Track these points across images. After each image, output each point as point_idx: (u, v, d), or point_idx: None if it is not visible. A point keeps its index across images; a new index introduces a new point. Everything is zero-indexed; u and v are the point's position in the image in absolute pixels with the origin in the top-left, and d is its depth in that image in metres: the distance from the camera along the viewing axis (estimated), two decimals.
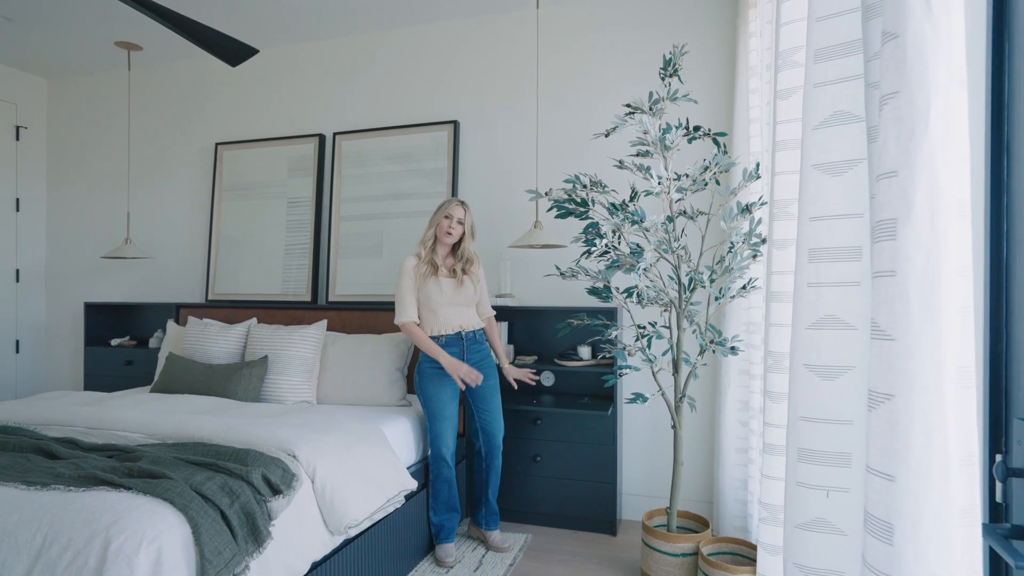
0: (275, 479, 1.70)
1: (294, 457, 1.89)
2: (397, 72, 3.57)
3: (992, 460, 0.92)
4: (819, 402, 1.05)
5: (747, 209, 2.10)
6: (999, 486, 0.87)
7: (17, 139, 4.22)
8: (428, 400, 2.56)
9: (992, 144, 0.88)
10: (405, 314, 2.51)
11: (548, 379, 3.09)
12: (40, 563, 1.35)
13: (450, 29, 3.47)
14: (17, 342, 4.22)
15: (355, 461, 2.06)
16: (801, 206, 1.10)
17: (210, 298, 3.81)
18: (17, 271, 4.23)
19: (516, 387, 2.81)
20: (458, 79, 3.45)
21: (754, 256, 2.27)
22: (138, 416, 2.17)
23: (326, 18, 3.44)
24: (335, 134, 3.63)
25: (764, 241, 2.12)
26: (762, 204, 2.11)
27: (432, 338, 2.53)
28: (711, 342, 2.15)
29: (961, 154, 0.70)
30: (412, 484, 2.30)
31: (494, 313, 2.79)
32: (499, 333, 2.80)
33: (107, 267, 4.23)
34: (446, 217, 2.55)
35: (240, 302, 3.69)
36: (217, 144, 3.89)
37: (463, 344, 2.58)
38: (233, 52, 2.81)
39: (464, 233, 2.58)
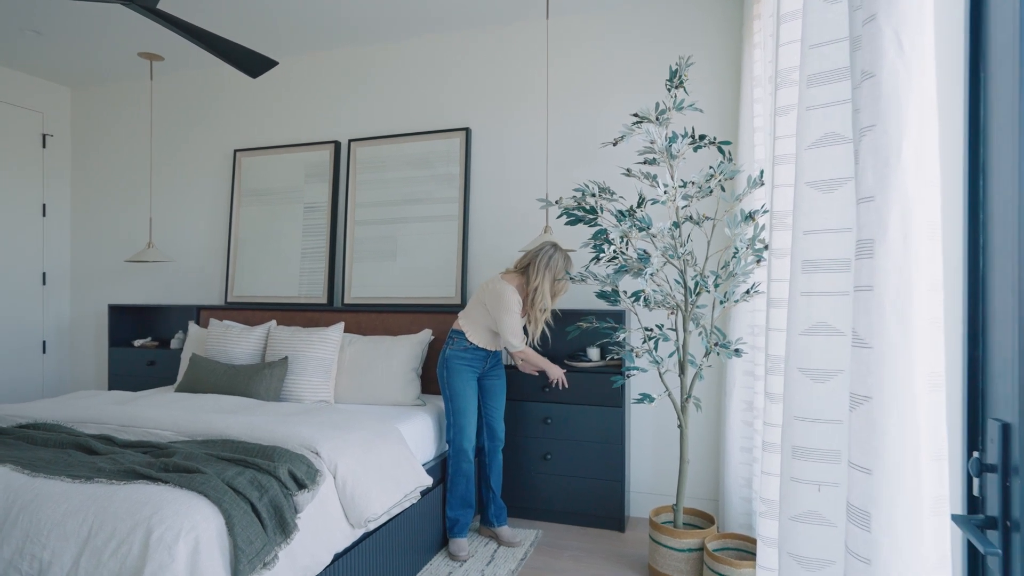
0: (300, 474, 1.80)
1: (317, 454, 1.99)
2: (410, 81, 3.67)
3: (971, 457, 0.99)
4: (811, 403, 1.13)
5: (750, 216, 2.18)
6: (976, 481, 0.95)
7: (43, 147, 4.36)
8: (455, 394, 2.67)
9: (969, 167, 0.96)
10: (520, 341, 2.64)
11: None
12: (87, 551, 1.45)
13: (461, 39, 3.56)
14: (44, 343, 4.37)
15: (374, 458, 2.15)
16: (795, 220, 1.18)
17: (229, 300, 3.93)
18: (44, 274, 4.38)
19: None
20: (469, 87, 3.54)
21: (758, 261, 2.35)
22: (168, 415, 2.28)
23: (340, 29, 3.54)
24: (350, 141, 3.73)
25: (767, 247, 2.19)
26: (764, 212, 2.18)
27: (474, 347, 2.69)
28: (715, 344, 2.23)
29: (932, 181, 0.78)
30: (428, 480, 2.39)
31: None
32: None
33: (130, 270, 4.37)
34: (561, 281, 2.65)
35: (258, 304, 3.80)
36: (236, 151, 4.01)
37: (488, 354, 2.77)
38: (254, 64, 2.93)
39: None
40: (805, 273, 1.15)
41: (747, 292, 2.26)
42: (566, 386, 2.85)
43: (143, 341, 4.04)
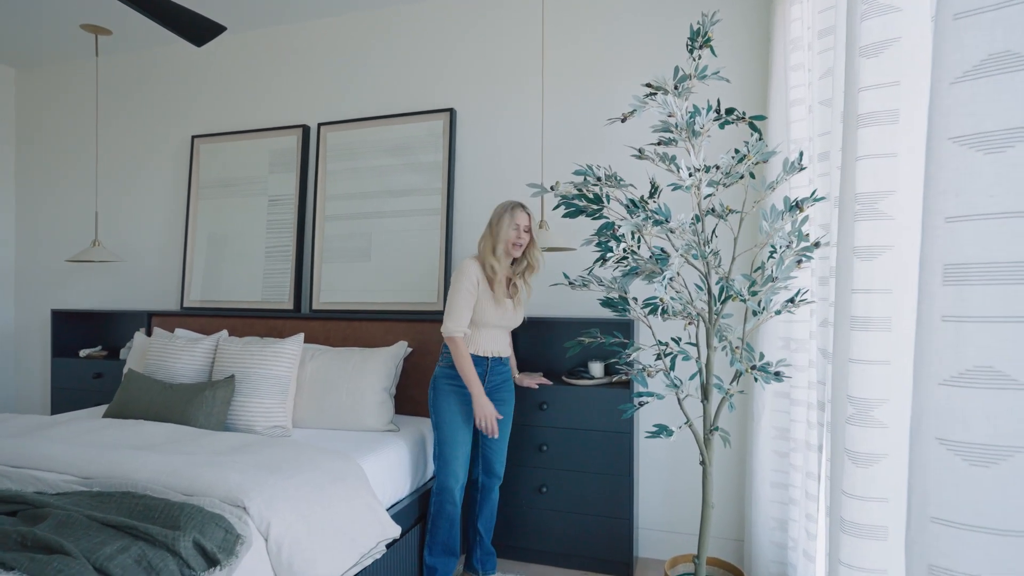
0: (212, 545, 1.36)
1: (244, 509, 1.55)
2: (386, 56, 3.23)
3: None
4: (965, 497, 0.69)
5: (797, 206, 1.74)
6: None
7: None
8: (441, 421, 2.25)
9: None
10: (456, 325, 2.18)
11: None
12: None
13: (445, 6, 3.12)
14: None
15: (322, 510, 1.72)
16: (929, 200, 0.74)
17: (185, 306, 3.48)
18: None
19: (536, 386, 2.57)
20: (454, 62, 3.10)
21: (799, 262, 1.91)
22: (71, 452, 1.84)
23: None
24: (320, 125, 3.29)
25: (817, 245, 1.76)
26: (816, 200, 1.75)
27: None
28: (752, 368, 1.79)
29: None
30: (394, 532, 1.95)
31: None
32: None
33: (81, 271, 3.92)
34: (514, 228, 2.25)
35: (216, 310, 3.36)
36: (194, 137, 3.57)
37: (487, 367, 2.30)
38: (197, 29, 2.49)
39: (531, 240, 2.31)
40: (950, 284, 0.71)
41: (790, 301, 1.82)
42: (494, 435, 2.22)
43: (90, 351, 3.59)
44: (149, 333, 3.41)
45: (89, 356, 3.55)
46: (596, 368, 2.65)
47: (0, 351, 4.02)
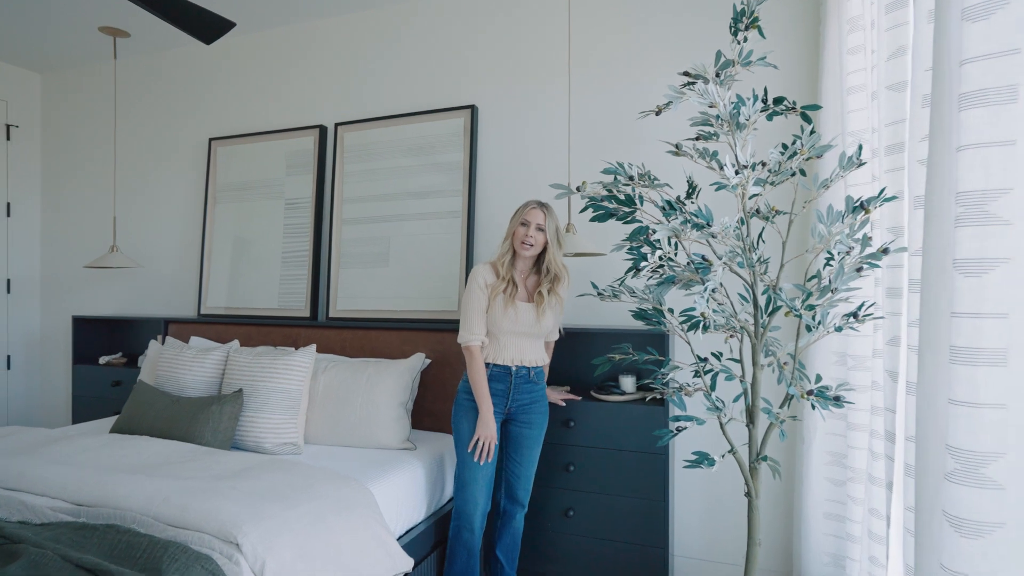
0: None
1: (237, 546, 1.40)
2: (406, 52, 3.08)
3: None
4: None
5: (862, 206, 1.51)
6: None
7: (8, 139, 3.91)
8: (461, 440, 2.10)
9: None
10: (469, 333, 2.06)
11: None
12: None
13: None
14: (8, 358, 3.92)
15: (325, 545, 1.56)
16: None
17: (202, 312, 3.40)
18: (8, 281, 3.93)
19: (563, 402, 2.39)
20: (476, 57, 2.93)
21: (859, 270, 1.68)
22: (65, 475, 1.73)
23: None
24: (337, 124, 3.16)
25: (886, 251, 1.53)
26: (886, 199, 1.52)
27: (488, 367, 2.10)
28: (808, 393, 1.57)
29: None
30: (405, 566, 1.79)
31: (558, 338, 2.33)
32: (550, 354, 2.35)
33: (105, 277, 3.89)
34: (523, 224, 2.08)
35: (233, 318, 3.26)
36: (211, 139, 3.48)
37: (511, 381, 2.11)
38: (205, 26, 2.38)
39: (547, 242, 2.10)
40: None
41: (852, 316, 1.59)
42: (488, 458, 2.06)
43: (110, 358, 3.54)
44: (165, 341, 3.34)
45: (109, 363, 3.50)
46: (627, 383, 2.45)
47: (27, 358, 4.02)
